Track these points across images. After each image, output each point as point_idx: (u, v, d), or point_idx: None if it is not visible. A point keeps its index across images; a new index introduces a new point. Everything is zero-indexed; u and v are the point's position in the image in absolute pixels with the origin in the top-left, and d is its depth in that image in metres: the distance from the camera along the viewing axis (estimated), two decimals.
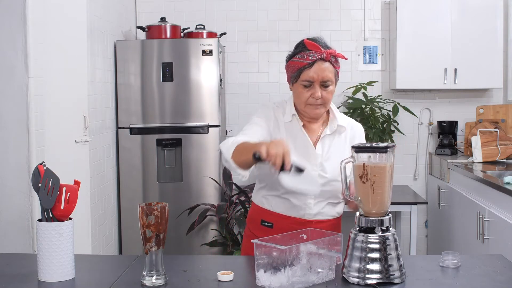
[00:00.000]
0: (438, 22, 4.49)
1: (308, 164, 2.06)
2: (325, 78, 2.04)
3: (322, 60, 2.04)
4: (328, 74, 2.04)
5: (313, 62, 2.03)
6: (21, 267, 1.86)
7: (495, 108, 4.59)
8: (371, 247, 1.67)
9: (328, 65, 2.05)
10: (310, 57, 2.04)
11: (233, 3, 4.86)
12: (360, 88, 4.69)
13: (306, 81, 2.05)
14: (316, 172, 2.07)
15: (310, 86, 2.05)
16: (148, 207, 1.64)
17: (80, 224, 3.17)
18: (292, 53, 2.12)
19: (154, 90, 4.28)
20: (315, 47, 2.05)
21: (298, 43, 2.13)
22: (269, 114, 2.15)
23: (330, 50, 2.05)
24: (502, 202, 3.25)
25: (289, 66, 2.11)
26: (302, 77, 2.05)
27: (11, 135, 2.74)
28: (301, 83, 2.06)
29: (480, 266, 1.84)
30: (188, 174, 4.30)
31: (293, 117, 2.14)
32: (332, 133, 2.14)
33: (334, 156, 2.09)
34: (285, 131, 2.12)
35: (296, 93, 2.10)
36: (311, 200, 2.08)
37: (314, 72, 2.03)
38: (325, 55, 2.04)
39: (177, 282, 1.69)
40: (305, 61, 2.04)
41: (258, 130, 2.09)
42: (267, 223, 2.13)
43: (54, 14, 3.00)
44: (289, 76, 2.12)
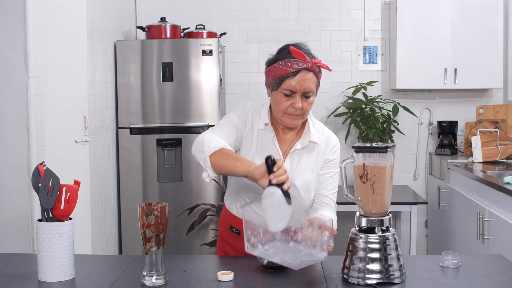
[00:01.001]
0: (438, 22, 4.49)
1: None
2: (308, 89, 1.96)
3: (306, 70, 1.94)
4: (311, 85, 1.96)
5: (297, 71, 1.93)
6: (21, 267, 1.86)
7: (495, 108, 4.59)
8: (371, 247, 1.67)
9: (312, 75, 1.96)
10: (294, 65, 1.94)
11: (233, 3, 4.86)
12: (360, 88, 4.69)
13: (287, 90, 1.95)
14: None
15: (290, 96, 1.96)
16: (148, 207, 1.64)
17: (80, 224, 3.17)
18: (274, 58, 2.01)
19: (154, 90, 4.28)
20: (301, 56, 1.94)
21: (282, 48, 2.01)
22: (247, 118, 2.07)
23: (315, 60, 1.96)
24: (502, 202, 3.25)
25: (270, 72, 2.00)
26: (284, 85, 1.96)
27: (11, 135, 2.74)
28: (282, 91, 1.97)
29: (480, 266, 1.84)
30: (188, 174, 4.30)
31: (266, 126, 2.06)
32: (302, 148, 2.06)
33: (302, 172, 2.04)
34: (257, 138, 2.06)
35: (275, 100, 2.01)
36: None
37: (297, 82, 1.94)
38: (310, 65, 1.94)
39: (177, 282, 1.69)
40: (289, 69, 1.94)
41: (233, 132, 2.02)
42: (235, 230, 2.10)
43: (54, 14, 3.00)
44: (269, 82, 2.02)
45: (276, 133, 2.08)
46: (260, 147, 2.05)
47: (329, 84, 4.84)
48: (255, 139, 2.06)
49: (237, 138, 2.04)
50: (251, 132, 2.07)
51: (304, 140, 2.06)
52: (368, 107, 4.61)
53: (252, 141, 2.06)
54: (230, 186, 2.16)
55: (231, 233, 2.12)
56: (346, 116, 4.69)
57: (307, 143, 2.06)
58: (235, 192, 2.11)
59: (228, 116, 2.09)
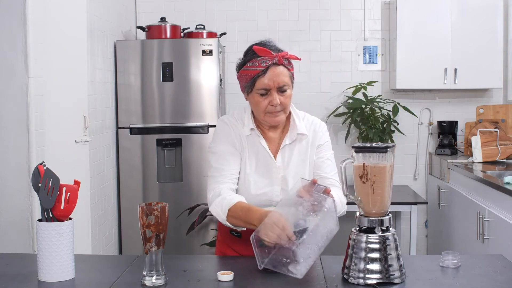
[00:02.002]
0: (438, 22, 4.49)
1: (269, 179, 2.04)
2: (281, 83, 1.95)
3: (275, 65, 1.94)
4: (284, 79, 1.96)
5: (266, 68, 1.93)
6: (21, 267, 1.86)
7: (495, 108, 4.59)
8: (371, 247, 1.67)
9: (283, 69, 1.96)
10: (262, 63, 1.94)
11: (233, 3, 4.86)
12: (360, 88, 4.69)
13: (262, 89, 1.95)
14: (278, 187, 2.04)
15: (266, 94, 1.96)
16: (148, 207, 1.64)
17: (80, 224, 3.18)
18: (242, 62, 2.01)
19: (154, 90, 4.28)
20: (266, 52, 1.94)
21: (247, 49, 2.02)
22: (229, 135, 2.07)
23: (281, 53, 1.96)
24: (502, 202, 3.25)
25: (241, 76, 2.01)
26: (257, 85, 1.96)
27: (11, 135, 2.74)
28: (257, 92, 1.97)
29: (480, 266, 1.84)
30: (188, 174, 4.30)
31: (252, 131, 2.06)
32: (292, 142, 2.07)
33: (294, 166, 2.05)
34: (247, 145, 2.07)
35: (253, 102, 2.01)
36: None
37: (269, 79, 1.94)
38: (277, 59, 1.94)
39: (177, 282, 1.69)
40: (258, 69, 1.94)
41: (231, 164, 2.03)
42: (235, 233, 2.10)
43: (54, 14, 3.00)
44: (243, 86, 2.02)
45: (263, 135, 2.08)
46: (251, 152, 2.05)
47: (329, 84, 4.85)
48: (246, 147, 2.07)
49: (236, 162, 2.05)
50: (240, 141, 2.07)
51: (292, 134, 2.07)
52: (368, 107, 4.61)
53: (243, 149, 2.07)
54: None
55: (231, 236, 2.13)
56: (346, 116, 4.69)
57: (295, 136, 2.07)
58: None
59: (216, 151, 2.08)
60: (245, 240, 2.05)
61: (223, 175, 2.02)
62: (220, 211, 1.93)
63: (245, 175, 2.04)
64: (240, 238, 2.09)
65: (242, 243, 2.06)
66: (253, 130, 2.07)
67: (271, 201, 2.04)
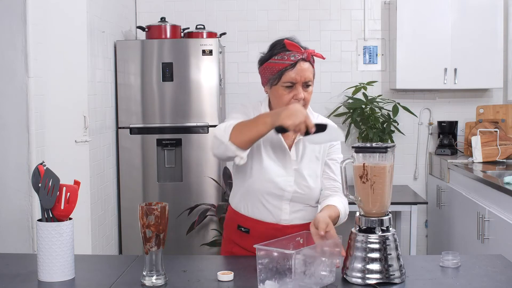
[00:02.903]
0: (438, 22, 4.49)
1: (284, 169, 2.05)
2: (307, 79, 2.00)
3: (303, 60, 1.99)
4: (309, 75, 2.01)
5: (295, 63, 1.98)
6: (21, 267, 1.86)
7: (495, 108, 4.59)
8: (371, 247, 1.67)
9: (309, 65, 2.01)
10: (291, 57, 1.99)
11: (233, 3, 4.86)
12: (360, 88, 4.69)
13: (288, 82, 1.99)
14: (292, 178, 2.05)
15: (292, 88, 1.99)
16: (148, 207, 1.64)
17: (80, 224, 3.18)
18: (268, 55, 2.07)
19: (154, 90, 4.28)
20: (296, 47, 2.01)
21: (274, 43, 2.08)
22: (248, 113, 2.10)
23: (309, 50, 2.02)
24: (502, 202, 3.25)
25: (267, 68, 2.05)
26: (284, 78, 1.99)
27: (11, 135, 2.74)
28: (282, 84, 2.00)
29: (480, 266, 1.84)
30: (188, 174, 4.30)
31: None
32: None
33: (308, 161, 2.07)
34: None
35: (276, 95, 2.03)
36: (286, 206, 2.06)
37: (297, 73, 1.98)
38: (306, 55, 2.00)
39: (177, 282, 1.69)
40: (286, 62, 1.99)
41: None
42: (243, 228, 2.10)
43: (54, 14, 3.00)
44: (267, 78, 2.06)
45: None
46: (266, 141, 2.06)
47: (329, 84, 4.84)
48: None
49: None
50: None
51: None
52: (368, 107, 4.61)
53: None
54: (236, 187, 2.18)
55: (239, 233, 2.12)
56: (346, 116, 4.69)
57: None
58: (243, 191, 2.11)
59: (230, 115, 2.11)
60: (253, 235, 2.05)
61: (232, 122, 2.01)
62: (223, 131, 1.89)
63: (261, 161, 2.05)
64: (248, 233, 2.09)
65: (250, 239, 2.06)
66: None
67: (283, 190, 2.04)
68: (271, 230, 2.04)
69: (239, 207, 2.13)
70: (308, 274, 1.63)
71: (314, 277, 1.64)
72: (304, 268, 1.61)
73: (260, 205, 2.06)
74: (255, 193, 2.06)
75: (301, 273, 1.60)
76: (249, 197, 2.08)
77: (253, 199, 2.07)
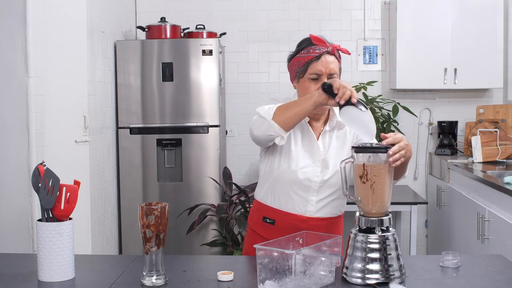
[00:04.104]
0: (438, 22, 4.49)
1: (311, 159, 2.09)
2: (332, 71, 2.06)
3: (328, 53, 2.07)
4: (335, 67, 2.07)
5: (320, 55, 2.06)
6: (21, 267, 1.86)
7: (495, 108, 4.59)
8: (371, 247, 1.67)
9: (334, 59, 2.08)
10: (316, 50, 2.07)
11: (233, 3, 4.86)
12: (360, 88, 4.69)
13: (314, 74, 2.06)
14: (318, 168, 2.09)
15: (317, 80, 2.06)
16: (148, 207, 1.64)
17: (80, 224, 3.17)
18: (295, 51, 2.15)
19: (154, 90, 4.28)
20: (321, 42, 2.09)
21: (302, 40, 2.17)
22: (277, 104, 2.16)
23: (335, 45, 2.10)
24: (502, 202, 3.25)
25: (294, 63, 2.12)
26: (310, 70, 2.07)
27: (11, 135, 2.74)
28: (308, 76, 2.07)
29: (480, 266, 1.84)
30: (188, 174, 4.30)
31: None
32: (331, 129, 2.15)
33: (335, 151, 2.12)
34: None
35: (303, 88, 2.10)
36: (313, 197, 2.09)
37: (322, 65, 2.05)
38: (331, 49, 2.07)
39: (177, 282, 1.69)
40: (312, 55, 2.07)
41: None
42: (269, 220, 2.14)
43: (54, 14, 3.00)
44: (295, 72, 2.13)
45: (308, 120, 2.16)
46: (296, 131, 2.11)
47: None
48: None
49: None
50: None
51: (331, 122, 2.16)
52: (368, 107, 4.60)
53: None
54: (262, 180, 2.20)
55: (264, 224, 2.15)
56: None
57: (335, 123, 2.15)
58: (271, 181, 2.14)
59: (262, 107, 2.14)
60: (278, 226, 2.09)
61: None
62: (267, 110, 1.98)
63: (290, 151, 2.09)
64: (273, 225, 2.12)
65: (275, 230, 2.09)
66: None
67: (310, 180, 2.08)
68: (296, 221, 2.08)
69: (266, 199, 2.16)
70: (308, 274, 1.63)
71: (314, 277, 1.64)
72: (304, 268, 1.62)
73: (287, 196, 2.10)
74: (283, 183, 2.10)
75: (301, 273, 1.60)
76: (277, 187, 2.12)
77: (281, 189, 2.11)
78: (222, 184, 4.31)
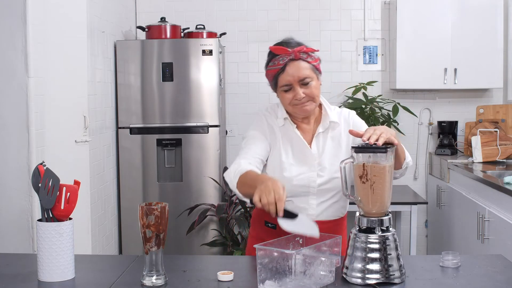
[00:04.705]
0: (438, 22, 4.49)
1: (306, 166, 2.07)
2: (302, 76, 2.01)
3: (292, 60, 2.01)
4: (304, 72, 2.01)
5: (284, 65, 2.01)
6: (21, 267, 1.86)
7: (495, 108, 4.59)
8: (371, 247, 1.67)
9: (302, 63, 2.02)
10: (280, 61, 2.02)
11: (233, 3, 4.86)
12: (360, 88, 4.69)
13: (284, 85, 2.03)
14: (314, 173, 2.07)
15: (290, 89, 2.03)
16: (148, 207, 1.64)
17: (80, 224, 3.17)
18: (266, 62, 2.11)
19: (154, 90, 4.28)
20: (282, 50, 2.03)
21: (268, 52, 2.11)
22: (262, 124, 2.14)
23: (297, 48, 2.02)
24: (502, 202, 3.25)
25: (267, 76, 2.10)
26: (280, 83, 2.04)
27: (11, 135, 2.74)
28: (281, 89, 2.05)
29: (480, 266, 1.84)
30: (188, 174, 4.30)
31: (285, 120, 2.13)
32: (325, 130, 2.13)
33: (329, 153, 2.10)
34: (281, 135, 2.12)
35: (281, 98, 2.09)
36: (313, 200, 2.08)
37: (288, 75, 2.01)
38: (293, 55, 2.01)
39: (177, 282, 1.69)
40: (277, 67, 2.03)
41: (258, 146, 2.08)
42: (270, 224, 2.12)
43: (54, 14, 3.00)
44: (270, 84, 2.12)
45: (297, 125, 2.14)
46: (286, 142, 2.11)
47: (329, 84, 4.84)
48: (279, 137, 2.11)
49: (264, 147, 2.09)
50: (273, 133, 2.13)
51: (324, 123, 2.13)
52: (368, 107, 4.61)
53: (276, 140, 2.11)
54: None
55: (266, 229, 2.13)
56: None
57: (328, 124, 2.13)
58: None
59: (246, 136, 2.15)
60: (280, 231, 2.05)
61: (247, 152, 2.07)
62: (232, 177, 1.96)
63: (281, 163, 2.08)
64: (275, 229, 2.09)
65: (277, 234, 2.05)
66: (286, 120, 2.13)
67: (308, 187, 2.06)
68: None
69: None
70: (308, 274, 1.63)
71: (314, 277, 1.64)
72: (304, 268, 1.62)
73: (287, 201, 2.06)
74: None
75: (301, 273, 1.61)
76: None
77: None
78: (222, 184, 4.31)
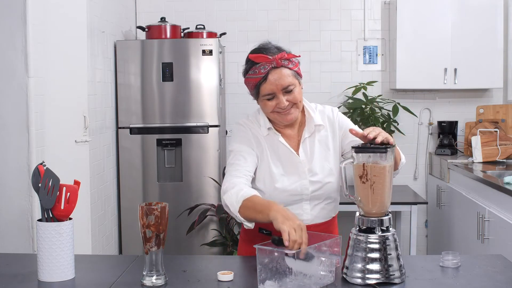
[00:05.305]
0: (438, 22, 4.49)
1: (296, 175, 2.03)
2: (285, 84, 1.95)
3: (274, 68, 1.94)
4: (287, 79, 1.95)
5: (266, 74, 1.94)
6: (21, 267, 1.86)
7: (495, 108, 4.59)
8: (371, 247, 1.67)
9: (284, 70, 1.95)
10: (261, 70, 1.94)
11: (233, 3, 4.86)
12: (360, 88, 4.69)
13: (267, 95, 1.97)
14: (306, 180, 2.04)
15: (273, 98, 1.97)
16: (148, 207, 1.64)
17: (80, 224, 3.17)
18: (245, 69, 2.03)
19: (154, 90, 4.28)
20: (262, 58, 1.95)
21: (246, 59, 2.01)
22: (247, 135, 2.07)
23: (279, 55, 1.94)
24: (502, 202, 3.25)
25: (247, 84, 2.03)
26: (262, 92, 1.97)
27: (11, 135, 2.74)
28: (263, 98, 1.98)
29: (480, 266, 1.84)
30: (188, 174, 4.30)
31: (269, 130, 2.07)
32: (311, 134, 2.08)
33: (319, 157, 2.06)
34: (267, 145, 2.07)
35: (263, 106, 2.03)
36: (307, 205, 2.05)
37: (271, 84, 1.94)
38: (275, 63, 1.94)
39: (177, 282, 1.69)
40: (259, 76, 1.95)
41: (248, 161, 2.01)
42: (265, 231, 2.06)
43: (54, 14, 3.00)
44: (250, 92, 2.05)
45: (281, 133, 2.09)
46: (272, 152, 2.05)
47: (329, 84, 4.85)
48: (266, 147, 2.06)
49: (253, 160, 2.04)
50: (258, 143, 2.07)
51: (309, 127, 2.08)
52: (368, 107, 4.61)
53: (263, 150, 2.06)
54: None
55: (261, 235, 2.07)
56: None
57: (313, 128, 2.08)
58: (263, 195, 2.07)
59: (233, 149, 2.07)
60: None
61: (238, 169, 1.99)
62: (234, 201, 1.87)
63: (271, 174, 2.03)
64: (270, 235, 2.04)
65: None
66: (270, 130, 2.07)
67: (302, 195, 2.03)
68: None
69: None
70: (308, 274, 1.63)
71: (314, 277, 1.64)
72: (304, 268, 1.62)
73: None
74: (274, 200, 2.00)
75: (301, 273, 1.61)
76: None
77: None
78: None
